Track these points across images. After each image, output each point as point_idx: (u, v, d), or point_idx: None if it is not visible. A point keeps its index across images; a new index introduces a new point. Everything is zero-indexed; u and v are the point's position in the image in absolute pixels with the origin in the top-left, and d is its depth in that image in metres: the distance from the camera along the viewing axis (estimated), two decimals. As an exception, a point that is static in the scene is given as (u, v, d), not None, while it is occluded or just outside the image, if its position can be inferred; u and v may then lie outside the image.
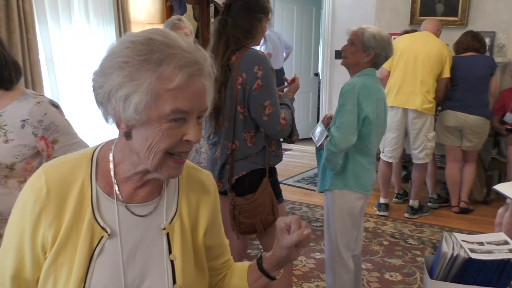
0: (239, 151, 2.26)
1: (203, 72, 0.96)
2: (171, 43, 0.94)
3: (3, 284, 1.05)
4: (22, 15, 3.41)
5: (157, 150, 0.96)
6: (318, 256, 3.67)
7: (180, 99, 0.93)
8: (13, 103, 1.78)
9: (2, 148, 1.74)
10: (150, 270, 1.06)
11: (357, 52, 2.49)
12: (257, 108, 2.18)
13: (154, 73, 0.91)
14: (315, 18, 7.54)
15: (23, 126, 1.77)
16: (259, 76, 2.16)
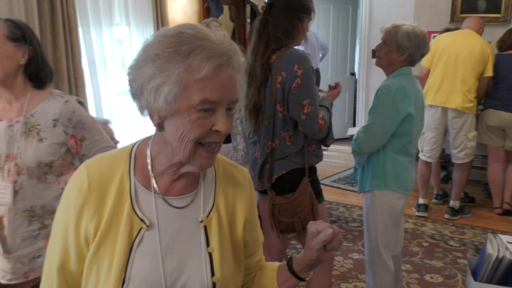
0: (279, 150, 2.27)
1: (231, 63, 0.97)
2: (200, 36, 0.97)
3: (51, 276, 1.10)
4: (66, 19, 3.52)
5: (188, 140, 0.98)
6: (356, 256, 3.64)
7: (208, 89, 0.95)
8: (43, 103, 1.87)
9: (39, 147, 1.82)
10: (188, 262, 1.08)
11: (391, 52, 2.45)
12: (295, 107, 2.19)
13: (183, 64, 0.94)
14: (352, 17, 7.47)
15: (55, 125, 1.85)
16: (298, 75, 2.16)
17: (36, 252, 1.92)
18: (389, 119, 2.39)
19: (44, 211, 1.89)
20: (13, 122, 1.85)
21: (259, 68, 2.21)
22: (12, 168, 1.83)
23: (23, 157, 1.82)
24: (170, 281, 1.05)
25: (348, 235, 4.05)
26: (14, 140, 1.83)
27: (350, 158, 6.35)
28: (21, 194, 1.85)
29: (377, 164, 2.50)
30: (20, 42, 1.82)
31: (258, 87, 2.22)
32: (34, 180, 1.85)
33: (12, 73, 1.83)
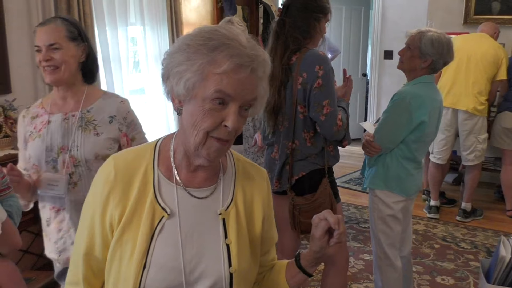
0: (299, 150, 2.28)
1: (252, 66, 1.02)
2: (230, 36, 1.03)
3: (77, 262, 1.16)
4: (83, 18, 3.56)
5: (199, 129, 1.04)
6: (367, 257, 3.64)
7: (224, 82, 1.00)
8: (99, 101, 1.93)
9: (96, 140, 1.88)
10: (207, 252, 1.12)
11: (413, 57, 2.44)
12: (315, 107, 2.20)
13: (207, 56, 1.01)
14: (364, 18, 7.47)
15: (111, 122, 1.92)
16: (319, 75, 2.18)
17: None
18: (400, 126, 2.41)
19: None
20: (69, 116, 1.89)
21: (278, 69, 2.22)
22: (66, 160, 1.87)
23: (80, 149, 1.87)
24: (189, 268, 1.10)
25: (359, 236, 4.05)
26: (69, 133, 1.88)
27: (361, 159, 6.35)
28: (80, 186, 1.89)
29: (382, 165, 2.52)
30: (78, 40, 1.87)
31: (278, 88, 2.23)
32: (93, 173, 1.88)
33: (75, 71, 1.88)
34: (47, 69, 1.83)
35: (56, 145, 1.88)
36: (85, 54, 1.89)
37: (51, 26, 1.83)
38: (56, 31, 1.82)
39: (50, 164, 1.88)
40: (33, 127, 1.92)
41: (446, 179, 5.11)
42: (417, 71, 2.45)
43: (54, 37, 1.81)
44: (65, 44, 1.82)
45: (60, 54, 1.81)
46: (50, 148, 1.88)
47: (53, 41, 1.81)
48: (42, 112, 1.94)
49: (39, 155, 1.89)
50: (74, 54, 1.85)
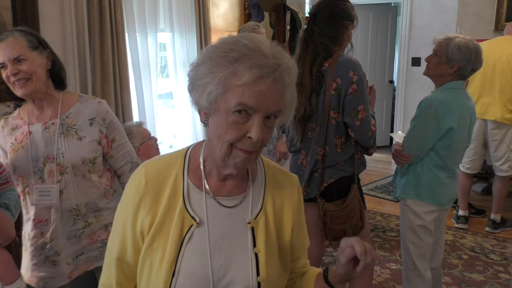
0: (329, 156, 2.28)
1: (274, 76, 1.00)
2: (252, 46, 1.02)
3: (110, 266, 1.19)
4: (114, 24, 3.63)
5: (223, 141, 1.04)
6: (393, 266, 3.60)
7: (246, 95, 0.99)
8: (76, 105, 1.93)
9: (81, 145, 1.89)
10: (235, 261, 1.12)
11: (440, 64, 2.43)
12: (350, 112, 2.21)
13: (228, 68, 1.01)
14: (391, 25, 7.41)
15: (91, 124, 1.92)
16: (354, 81, 2.19)
17: (79, 251, 1.95)
18: (428, 133, 2.39)
19: (87, 209, 1.93)
20: (49, 124, 1.88)
21: (308, 77, 2.23)
22: (53, 169, 1.86)
23: (66, 155, 1.87)
24: (217, 277, 1.10)
25: (385, 244, 4.01)
26: (52, 141, 1.87)
27: (388, 166, 6.32)
28: (66, 193, 1.89)
29: (413, 174, 2.50)
30: (40, 48, 1.86)
31: (308, 96, 2.24)
32: (79, 178, 1.90)
33: (46, 79, 1.87)
34: (17, 83, 1.80)
35: (41, 155, 1.87)
36: (50, 61, 1.88)
37: (10, 40, 1.80)
38: (17, 44, 1.79)
39: (37, 175, 1.88)
40: (14, 139, 1.90)
41: (475, 189, 5.03)
42: (444, 77, 2.43)
43: (17, 50, 1.78)
44: (29, 55, 1.80)
45: (27, 65, 1.79)
46: (36, 159, 1.88)
47: (16, 54, 1.78)
48: (21, 123, 1.92)
49: (25, 166, 1.87)
50: (40, 63, 1.84)
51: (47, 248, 1.91)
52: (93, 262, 1.99)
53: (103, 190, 1.97)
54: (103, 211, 1.97)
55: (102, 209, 1.97)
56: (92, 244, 1.97)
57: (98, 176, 1.95)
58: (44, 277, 1.93)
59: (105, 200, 1.98)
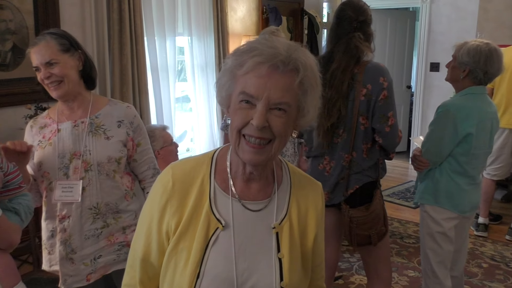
0: (356, 162, 2.25)
1: (273, 62, 1.01)
2: (262, 41, 1.06)
3: (134, 266, 1.20)
4: (133, 28, 3.67)
5: (232, 127, 1.07)
6: (411, 273, 3.55)
7: (248, 84, 1.03)
8: (106, 107, 1.98)
9: (108, 144, 1.92)
10: (259, 265, 1.11)
11: (454, 68, 2.42)
12: (380, 118, 2.20)
13: (236, 61, 1.06)
14: (410, 30, 7.35)
15: (119, 126, 1.96)
16: (384, 87, 2.19)
17: (97, 252, 1.97)
18: (445, 138, 2.36)
19: (107, 209, 1.95)
20: (78, 123, 1.93)
21: (346, 84, 2.19)
22: (79, 166, 1.90)
23: (93, 153, 1.90)
24: (241, 280, 1.10)
25: (403, 251, 3.96)
26: (80, 139, 1.91)
27: (405, 172, 6.25)
28: (88, 191, 1.91)
29: (431, 179, 2.46)
30: (72, 50, 1.89)
31: (344, 102, 2.20)
32: (103, 176, 1.93)
33: (78, 81, 1.92)
34: (51, 86, 1.86)
35: (68, 151, 1.91)
36: (81, 62, 1.92)
37: (42, 44, 1.85)
38: (49, 48, 1.84)
39: (62, 171, 1.91)
40: (42, 137, 1.95)
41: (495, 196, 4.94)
42: (459, 81, 2.41)
43: (49, 54, 1.83)
44: (60, 58, 1.84)
45: (58, 69, 1.84)
46: (62, 155, 1.91)
47: (48, 58, 1.83)
48: (50, 122, 1.96)
49: (51, 162, 1.91)
50: (72, 65, 1.88)
51: (67, 245, 1.94)
52: (111, 266, 1.99)
53: (124, 192, 1.99)
54: (122, 213, 1.99)
55: (121, 211, 1.98)
56: (110, 246, 1.98)
57: (120, 176, 1.98)
58: (65, 273, 1.96)
59: (125, 202, 1.99)
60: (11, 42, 3.15)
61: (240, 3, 4.96)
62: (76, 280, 1.97)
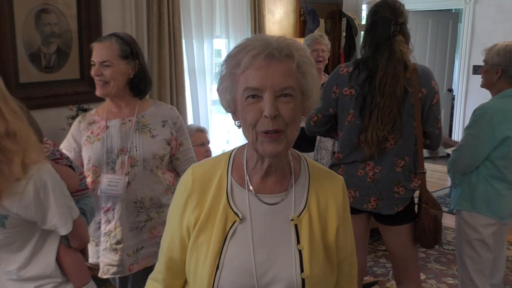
0: (407, 167, 2.21)
1: (268, 51, 1.06)
2: (251, 38, 1.11)
3: (160, 261, 1.26)
4: (172, 31, 3.74)
5: (247, 127, 1.10)
6: (450, 281, 3.46)
7: (249, 78, 1.06)
8: (151, 108, 2.09)
9: (153, 142, 2.03)
10: (279, 257, 1.14)
11: (486, 71, 2.39)
12: (433, 122, 2.20)
13: (232, 62, 1.10)
14: (451, 32, 7.17)
15: (163, 125, 2.07)
16: (436, 90, 2.18)
17: (140, 244, 2.06)
18: (483, 142, 2.30)
19: (151, 203, 2.05)
20: (126, 121, 2.04)
21: (400, 90, 2.12)
22: (125, 161, 2.00)
23: (139, 149, 2.01)
24: (260, 272, 1.12)
25: (442, 258, 3.86)
26: (128, 136, 2.02)
27: (443, 177, 6.09)
28: (133, 185, 2.01)
29: (468, 185, 2.40)
30: (130, 58, 2.00)
31: (399, 109, 2.14)
32: (147, 172, 2.03)
33: (123, 87, 2.02)
34: (98, 83, 1.98)
35: (116, 147, 2.01)
36: (134, 72, 2.01)
37: (105, 44, 1.97)
38: (110, 49, 1.96)
39: (110, 165, 2.02)
40: (90, 132, 2.06)
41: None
42: (494, 85, 2.37)
43: (107, 55, 1.95)
44: (116, 62, 1.95)
45: (110, 71, 1.95)
46: (110, 150, 2.01)
47: (105, 58, 1.95)
48: (99, 119, 2.08)
49: (100, 157, 2.02)
50: (124, 71, 1.98)
51: (111, 236, 2.03)
52: (152, 259, 2.08)
53: (166, 186, 2.09)
54: (164, 207, 2.07)
55: (164, 205, 2.07)
56: (152, 239, 2.08)
57: (162, 172, 2.08)
58: (107, 263, 2.05)
59: (167, 196, 2.08)
60: (56, 45, 3.26)
61: (278, 5, 4.97)
62: (119, 270, 2.05)
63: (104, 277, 2.08)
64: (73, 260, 1.60)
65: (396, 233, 2.29)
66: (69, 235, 1.54)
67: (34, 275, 1.52)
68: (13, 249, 1.49)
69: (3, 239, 1.45)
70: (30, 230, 1.49)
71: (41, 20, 3.17)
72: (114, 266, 2.05)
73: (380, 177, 2.21)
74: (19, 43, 3.04)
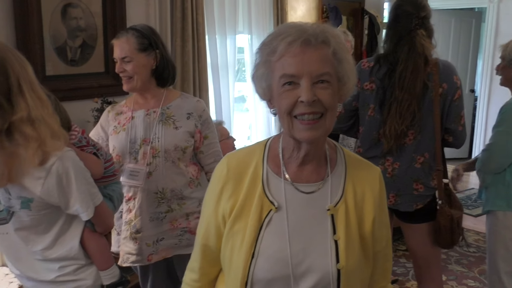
0: (427, 163, 2.19)
1: (304, 37, 1.05)
2: (285, 25, 1.12)
3: (196, 251, 1.28)
4: (195, 26, 3.74)
5: (282, 113, 1.10)
6: (471, 283, 3.43)
7: (286, 65, 1.07)
8: (177, 99, 2.10)
9: (176, 133, 2.03)
10: (314, 247, 1.13)
11: (504, 68, 2.37)
12: (455, 118, 2.17)
13: (267, 49, 1.10)
14: (475, 31, 7.08)
15: (188, 118, 2.07)
16: (458, 86, 2.15)
17: (160, 235, 2.07)
18: None
19: (172, 194, 2.05)
20: (150, 112, 2.06)
21: (420, 85, 2.11)
22: (148, 151, 2.02)
23: (161, 141, 2.02)
24: (296, 261, 1.12)
25: (463, 260, 3.82)
26: (151, 127, 2.04)
27: (466, 179, 6.00)
28: (154, 176, 2.03)
29: (502, 184, 2.35)
30: (149, 50, 2.01)
31: (418, 103, 2.13)
32: (169, 163, 2.04)
33: (148, 78, 2.04)
34: (123, 79, 2.02)
35: (139, 137, 2.04)
36: (156, 61, 2.02)
37: (123, 39, 1.99)
38: (127, 44, 1.97)
39: (132, 155, 2.04)
40: (117, 122, 2.09)
41: None
42: None
43: (125, 51, 1.97)
44: (135, 56, 1.97)
45: (131, 66, 1.98)
46: (134, 141, 2.04)
47: (124, 54, 1.98)
48: (126, 109, 2.12)
49: (123, 146, 2.05)
50: (145, 64, 2.00)
51: (132, 225, 2.06)
52: (172, 250, 2.09)
53: (189, 179, 2.09)
54: (186, 199, 2.08)
55: (185, 197, 2.08)
56: (172, 230, 2.08)
57: (185, 165, 2.08)
58: (127, 252, 2.08)
59: (189, 189, 2.09)
60: (81, 39, 3.28)
61: (300, 2, 4.94)
62: (137, 259, 2.07)
63: (124, 265, 2.10)
64: (97, 244, 1.63)
65: (416, 231, 2.28)
66: (93, 220, 1.57)
67: (58, 256, 1.56)
68: (40, 230, 1.53)
69: (29, 221, 1.50)
70: (55, 214, 1.53)
71: (67, 14, 3.19)
72: (133, 255, 2.07)
73: (398, 173, 2.20)
74: (46, 36, 3.07)
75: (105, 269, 1.62)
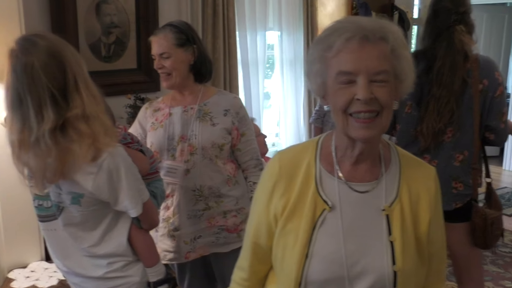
0: (467, 162, 2.15)
1: (363, 34, 1.02)
2: (341, 21, 1.08)
3: (246, 249, 1.26)
4: (226, 22, 3.74)
5: (337, 111, 1.07)
6: (508, 284, 3.34)
7: (342, 62, 1.03)
8: (214, 96, 2.07)
9: (212, 130, 2.01)
10: (369, 248, 1.10)
11: None
12: (497, 115, 2.11)
13: (323, 44, 1.07)
14: (507, 27, 6.92)
15: (225, 115, 2.04)
16: (500, 82, 2.09)
17: (197, 233, 2.06)
18: None
19: (210, 192, 2.03)
20: (188, 108, 2.04)
21: (459, 82, 2.08)
22: (185, 149, 2.00)
23: (198, 138, 2.00)
24: (350, 262, 1.09)
25: (499, 260, 3.72)
26: (188, 124, 2.02)
27: (498, 178, 5.88)
28: (192, 173, 2.01)
29: None
30: (187, 45, 1.99)
31: (457, 100, 2.10)
32: (206, 161, 2.02)
33: (187, 74, 2.02)
34: (162, 75, 2.01)
35: (176, 134, 2.02)
36: (194, 57, 2.00)
37: (160, 36, 1.97)
38: (165, 40, 1.96)
39: (170, 152, 2.03)
40: (155, 119, 2.08)
41: None
42: None
43: (163, 47, 1.96)
44: (173, 52, 1.95)
45: (170, 62, 1.96)
46: (172, 137, 2.02)
47: (162, 50, 1.96)
48: (164, 106, 2.10)
49: (161, 143, 2.03)
50: (183, 59, 1.98)
51: (170, 223, 2.05)
52: (209, 248, 2.07)
53: (226, 177, 2.06)
54: (224, 197, 2.06)
55: (223, 195, 2.06)
56: (210, 228, 2.07)
57: (222, 163, 2.06)
58: (164, 249, 2.07)
59: (227, 187, 2.06)
60: (114, 35, 3.31)
61: (330, -2, 4.90)
62: (175, 256, 2.07)
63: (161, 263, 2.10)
64: (144, 241, 1.63)
65: (455, 231, 2.22)
66: (140, 217, 1.57)
67: (106, 253, 1.56)
68: (87, 227, 1.54)
69: (78, 217, 1.51)
70: (103, 210, 1.54)
71: (101, 11, 3.22)
72: (171, 253, 2.07)
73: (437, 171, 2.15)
74: (81, 33, 3.10)
75: (152, 266, 1.63)
